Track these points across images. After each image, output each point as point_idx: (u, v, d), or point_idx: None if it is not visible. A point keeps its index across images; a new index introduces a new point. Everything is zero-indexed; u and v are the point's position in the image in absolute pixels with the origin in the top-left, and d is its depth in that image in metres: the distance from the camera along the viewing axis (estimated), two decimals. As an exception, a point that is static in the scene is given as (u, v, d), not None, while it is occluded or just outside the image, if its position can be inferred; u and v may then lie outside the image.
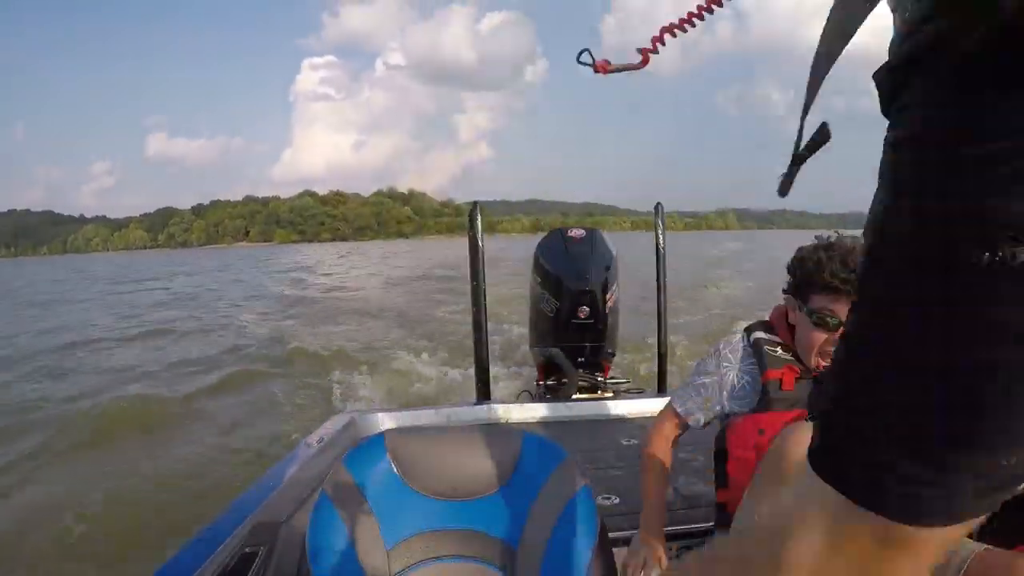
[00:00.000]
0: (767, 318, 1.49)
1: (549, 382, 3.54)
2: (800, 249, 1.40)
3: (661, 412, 1.51)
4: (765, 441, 1.28)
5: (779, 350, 1.41)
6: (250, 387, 6.54)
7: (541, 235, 3.62)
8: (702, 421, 1.43)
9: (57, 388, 6.96)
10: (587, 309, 3.40)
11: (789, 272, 1.41)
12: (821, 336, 1.34)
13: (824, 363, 1.37)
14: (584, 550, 1.00)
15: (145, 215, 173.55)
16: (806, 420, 1.29)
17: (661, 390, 3.41)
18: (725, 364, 1.43)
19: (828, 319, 1.33)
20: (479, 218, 2.97)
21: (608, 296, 3.48)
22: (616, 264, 3.56)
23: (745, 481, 1.28)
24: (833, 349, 1.29)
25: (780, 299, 1.47)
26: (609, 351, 3.64)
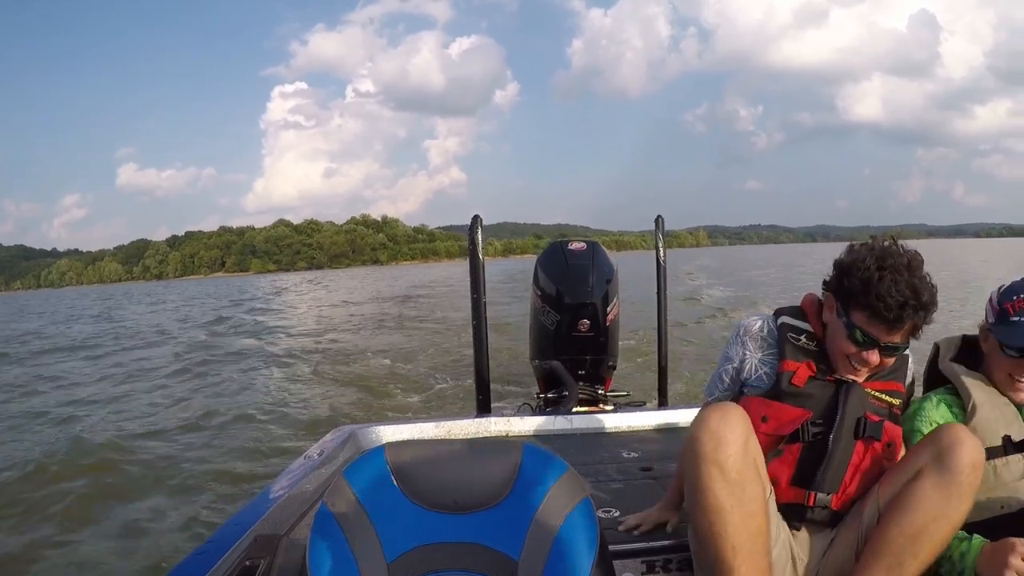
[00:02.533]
0: (799, 303, 1.44)
1: (549, 395, 3.53)
2: (852, 250, 1.32)
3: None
4: (767, 429, 1.32)
5: (803, 339, 1.37)
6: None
7: (513, 258, 3.56)
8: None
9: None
10: (588, 322, 3.40)
11: (836, 268, 1.33)
12: (851, 348, 1.29)
13: (852, 374, 1.32)
14: (584, 563, 1.00)
15: (119, 248, 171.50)
16: (809, 421, 1.31)
17: (662, 403, 3.40)
18: (747, 352, 1.42)
19: (860, 337, 1.27)
20: (479, 232, 2.98)
21: (609, 309, 3.47)
22: (617, 277, 3.56)
23: None
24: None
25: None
26: (610, 364, 3.63)
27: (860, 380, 1.34)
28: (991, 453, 1.36)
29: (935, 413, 1.45)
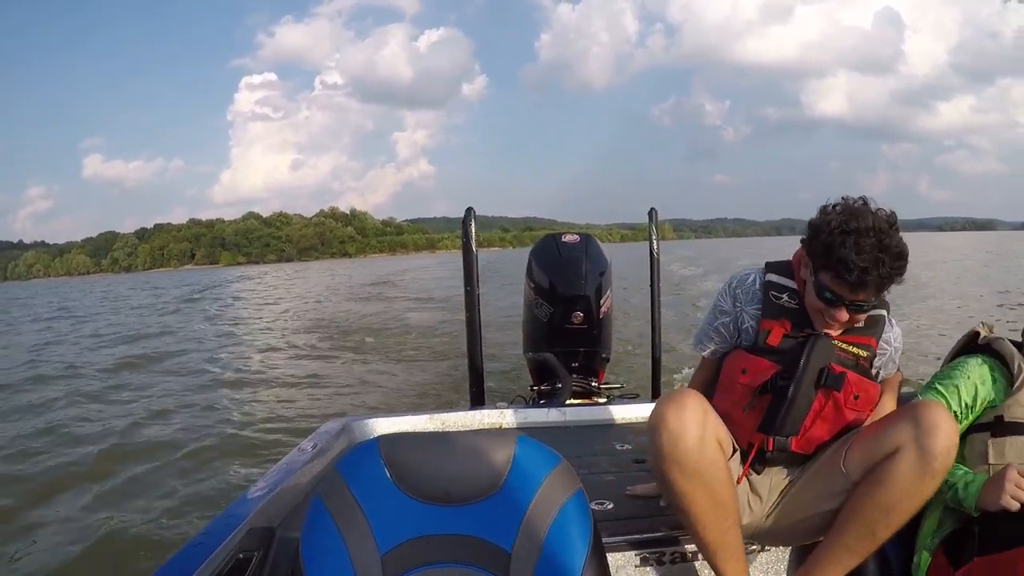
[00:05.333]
0: (791, 258, 1.49)
1: (543, 387, 3.54)
2: (824, 212, 1.35)
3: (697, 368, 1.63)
4: (745, 380, 1.41)
5: (784, 297, 1.44)
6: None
7: (480, 251, 3.27)
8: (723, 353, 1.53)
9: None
10: (581, 314, 3.40)
11: (808, 228, 1.37)
12: (820, 305, 1.35)
13: (826, 329, 1.38)
14: (577, 556, 1.01)
15: (87, 240, 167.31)
16: (777, 374, 1.38)
17: (655, 395, 3.41)
18: (738, 304, 1.49)
19: (827, 295, 1.33)
20: (473, 224, 2.98)
21: (602, 301, 3.48)
22: (610, 270, 3.56)
23: (722, 405, 1.44)
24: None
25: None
26: (603, 356, 3.64)
27: (834, 335, 1.40)
28: (1022, 429, 1.36)
29: (975, 372, 1.44)
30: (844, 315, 1.34)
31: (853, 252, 1.26)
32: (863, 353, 1.41)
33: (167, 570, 1.23)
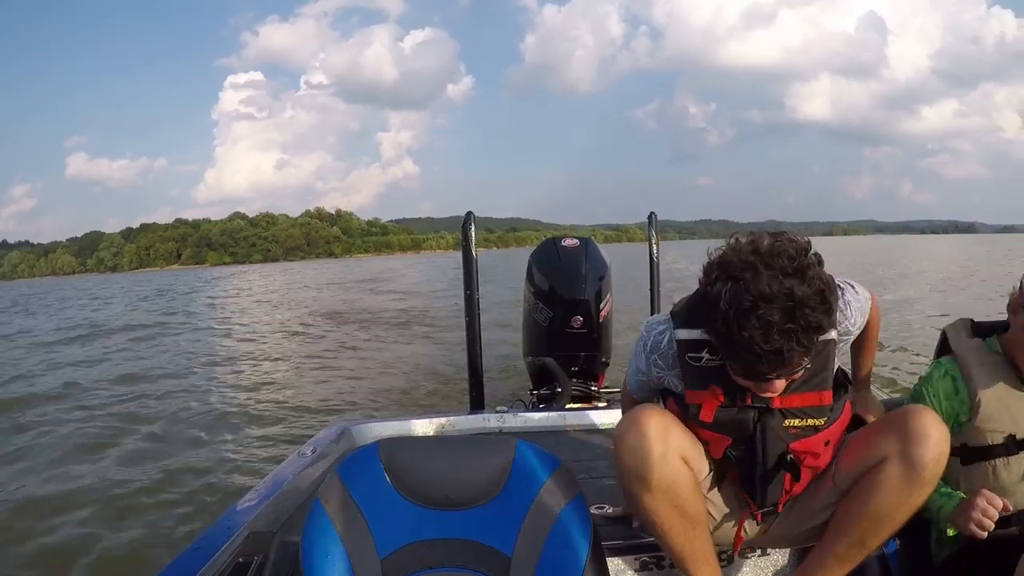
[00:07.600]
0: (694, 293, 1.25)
1: (542, 391, 3.54)
2: (710, 280, 1.11)
3: (623, 395, 1.58)
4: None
5: (704, 355, 1.23)
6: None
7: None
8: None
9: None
10: (581, 318, 3.40)
11: (703, 300, 1.13)
12: (746, 382, 1.17)
13: (765, 393, 1.18)
14: (577, 559, 1.01)
15: (72, 239, 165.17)
16: (729, 448, 1.26)
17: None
18: (659, 370, 1.34)
19: (750, 377, 1.14)
20: (472, 228, 2.98)
21: (602, 306, 3.48)
22: (610, 274, 3.57)
23: None
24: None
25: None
26: (603, 360, 3.63)
27: (776, 394, 1.19)
28: (991, 452, 1.32)
29: (940, 387, 1.38)
30: (779, 385, 1.15)
31: (759, 335, 1.04)
32: (818, 421, 1.24)
33: (167, 574, 1.23)
